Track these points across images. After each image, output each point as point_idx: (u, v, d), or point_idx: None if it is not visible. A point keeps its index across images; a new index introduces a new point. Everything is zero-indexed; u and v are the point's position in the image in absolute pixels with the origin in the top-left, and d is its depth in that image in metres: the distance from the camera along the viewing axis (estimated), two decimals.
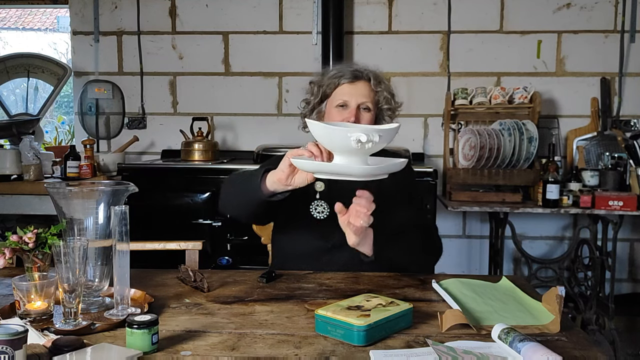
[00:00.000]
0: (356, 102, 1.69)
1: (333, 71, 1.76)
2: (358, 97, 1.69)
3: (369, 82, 1.73)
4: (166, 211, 3.02)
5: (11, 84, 3.69)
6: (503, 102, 3.18)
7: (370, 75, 1.73)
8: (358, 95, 1.70)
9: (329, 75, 1.75)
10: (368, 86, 1.72)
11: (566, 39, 3.40)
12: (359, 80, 1.72)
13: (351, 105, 1.69)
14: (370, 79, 1.73)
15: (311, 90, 1.80)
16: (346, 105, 1.70)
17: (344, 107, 1.70)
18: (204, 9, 3.54)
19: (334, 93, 1.73)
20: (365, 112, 1.70)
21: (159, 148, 3.63)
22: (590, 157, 3.30)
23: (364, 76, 1.73)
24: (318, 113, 1.78)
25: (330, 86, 1.73)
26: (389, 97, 1.75)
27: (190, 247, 1.88)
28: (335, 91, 1.73)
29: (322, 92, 1.75)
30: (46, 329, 1.14)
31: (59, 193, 1.33)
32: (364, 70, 1.74)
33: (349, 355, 1.07)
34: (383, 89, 1.74)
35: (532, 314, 1.28)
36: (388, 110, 1.77)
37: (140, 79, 3.59)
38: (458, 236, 3.56)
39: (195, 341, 1.12)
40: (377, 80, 1.74)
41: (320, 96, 1.75)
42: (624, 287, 3.51)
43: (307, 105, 1.81)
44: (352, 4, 3.47)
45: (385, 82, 1.77)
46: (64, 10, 4.33)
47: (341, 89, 1.72)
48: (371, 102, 1.71)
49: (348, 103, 1.70)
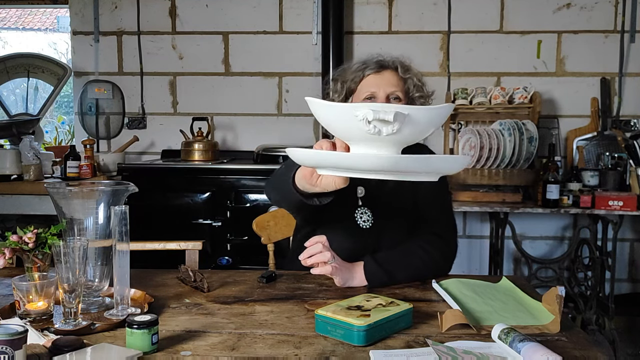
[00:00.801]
0: (385, 92, 1.59)
1: (356, 64, 1.65)
2: (386, 87, 1.59)
3: (396, 70, 1.62)
4: (166, 211, 3.02)
5: (11, 84, 3.69)
6: (503, 102, 3.18)
7: (397, 63, 1.63)
8: (386, 85, 1.59)
9: (353, 69, 1.64)
10: (396, 75, 1.62)
11: (566, 39, 3.40)
12: (385, 69, 1.62)
13: (380, 97, 1.58)
14: (397, 67, 1.62)
15: (334, 87, 1.68)
16: (374, 97, 1.59)
17: (372, 99, 1.59)
18: (204, 9, 3.54)
19: (359, 87, 1.63)
20: (396, 102, 1.59)
21: (159, 148, 3.63)
22: (590, 157, 3.30)
23: (390, 65, 1.63)
24: None
25: (355, 80, 1.63)
26: (420, 85, 1.64)
27: (190, 247, 1.88)
28: (361, 84, 1.62)
29: (347, 88, 1.65)
30: (46, 329, 1.14)
31: (59, 193, 1.33)
32: (390, 58, 1.65)
33: (349, 355, 1.07)
34: (412, 76, 1.63)
35: (532, 314, 1.28)
36: (420, 98, 1.65)
37: (140, 79, 3.59)
38: (458, 236, 3.54)
39: (195, 341, 1.12)
40: (405, 68, 1.63)
41: (345, 92, 1.65)
42: (624, 287, 3.50)
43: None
44: (352, 4, 3.47)
45: (414, 69, 1.66)
46: (64, 10, 4.33)
47: (367, 80, 1.61)
48: (401, 91, 1.61)
49: (376, 94, 1.59)
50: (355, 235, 1.62)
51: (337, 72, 1.71)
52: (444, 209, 1.70)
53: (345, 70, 1.68)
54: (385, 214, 1.62)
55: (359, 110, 0.99)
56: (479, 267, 3.54)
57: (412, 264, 1.54)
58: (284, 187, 1.46)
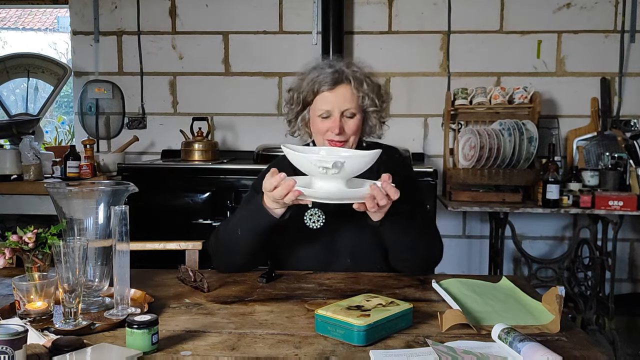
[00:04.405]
0: (339, 110, 1.59)
1: (311, 75, 1.63)
2: (340, 104, 1.59)
3: (350, 84, 1.61)
4: (166, 211, 3.02)
5: (11, 84, 3.70)
6: (503, 102, 3.18)
7: (350, 76, 1.61)
8: (340, 102, 1.59)
9: (307, 80, 1.63)
10: (349, 89, 1.60)
11: (566, 39, 3.40)
12: (339, 84, 1.60)
13: (334, 115, 1.59)
14: (351, 81, 1.61)
15: (291, 97, 1.69)
16: (329, 114, 1.60)
17: (327, 117, 1.60)
18: (204, 9, 3.54)
19: (314, 101, 1.62)
20: (350, 119, 1.61)
21: (159, 148, 3.63)
22: (590, 157, 3.30)
23: (344, 79, 1.60)
24: (302, 120, 1.69)
25: (310, 94, 1.62)
26: (374, 97, 1.64)
27: (190, 247, 1.88)
28: (316, 99, 1.62)
29: (303, 99, 1.64)
30: (46, 329, 1.14)
31: (59, 193, 1.33)
32: (344, 70, 1.62)
33: (349, 355, 1.07)
34: (366, 91, 1.62)
35: (532, 314, 1.28)
36: (374, 112, 1.66)
37: (140, 79, 3.59)
38: (458, 236, 3.56)
39: (195, 341, 1.12)
40: (359, 81, 1.61)
41: (301, 104, 1.65)
42: (624, 287, 3.51)
43: (291, 112, 1.71)
44: (352, 4, 3.47)
45: (369, 81, 1.64)
46: (64, 10, 4.33)
47: (321, 97, 1.61)
48: (355, 107, 1.60)
49: (330, 112, 1.60)
50: (304, 236, 1.62)
51: (294, 81, 1.70)
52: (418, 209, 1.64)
53: (302, 80, 1.66)
54: (338, 213, 1.60)
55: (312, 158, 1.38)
56: (479, 267, 3.54)
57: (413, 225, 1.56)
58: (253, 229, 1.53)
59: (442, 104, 3.32)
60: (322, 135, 1.63)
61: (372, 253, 1.65)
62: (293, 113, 1.71)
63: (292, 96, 1.70)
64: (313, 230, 1.62)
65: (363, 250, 1.65)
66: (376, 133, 1.72)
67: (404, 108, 3.46)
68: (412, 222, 1.55)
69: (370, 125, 1.70)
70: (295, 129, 1.74)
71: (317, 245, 1.65)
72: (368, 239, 1.62)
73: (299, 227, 1.62)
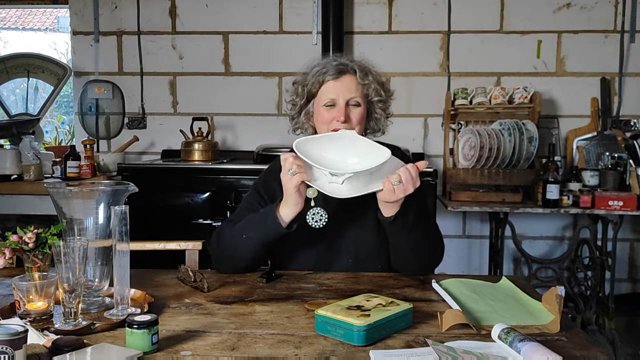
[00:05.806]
0: (344, 99, 1.61)
1: (316, 68, 1.66)
2: (345, 93, 1.62)
3: (355, 74, 1.64)
4: (166, 211, 3.02)
5: (11, 84, 3.70)
6: (503, 102, 3.18)
7: (356, 67, 1.64)
8: (345, 91, 1.62)
9: (312, 72, 1.66)
10: (354, 80, 1.63)
11: (566, 39, 3.40)
12: (344, 74, 1.63)
13: (339, 104, 1.61)
14: (355, 71, 1.64)
15: (295, 91, 1.71)
16: (334, 103, 1.62)
17: (332, 105, 1.62)
18: (204, 9, 3.54)
19: (319, 92, 1.65)
20: (355, 108, 1.63)
21: (159, 148, 3.63)
22: (590, 157, 3.30)
23: (349, 69, 1.64)
24: (306, 114, 1.71)
25: (315, 85, 1.64)
26: (379, 88, 1.67)
27: (190, 247, 1.88)
28: (321, 89, 1.64)
29: (308, 92, 1.66)
30: (46, 329, 1.14)
31: (59, 193, 1.33)
32: (348, 62, 1.65)
33: (349, 355, 1.07)
34: (371, 81, 1.65)
35: (532, 314, 1.28)
36: (379, 102, 1.68)
37: (140, 79, 3.59)
38: (458, 236, 3.56)
39: (195, 341, 1.12)
40: (364, 72, 1.65)
41: (305, 97, 1.68)
42: (624, 287, 3.51)
43: (294, 107, 1.73)
44: (352, 4, 3.47)
45: (373, 73, 1.68)
46: (64, 10, 4.33)
47: (326, 86, 1.63)
48: (360, 97, 1.63)
49: (335, 101, 1.62)
50: (306, 236, 1.61)
51: (299, 75, 1.72)
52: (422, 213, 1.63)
53: (306, 73, 1.69)
54: (340, 213, 1.60)
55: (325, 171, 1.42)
56: (478, 267, 3.54)
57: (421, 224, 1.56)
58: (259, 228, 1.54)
59: (442, 104, 3.32)
60: (327, 125, 1.63)
61: (374, 253, 1.65)
62: (297, 108, 1.72)
63: (296, 89, 1.71)
64: (315, 229, 1.61)
65: (365, 250, 1.65)
66: (381, 128, 1.73)
67: (404, 108, 3.46)
68: (419, 221, 1.54)
69: (375, 118, 1.71)
70: (298, 126, 1.75)
71: (319, 245, 1.65)
72: (370, 239, 1.63)
73: (301, 226, 1.60)
